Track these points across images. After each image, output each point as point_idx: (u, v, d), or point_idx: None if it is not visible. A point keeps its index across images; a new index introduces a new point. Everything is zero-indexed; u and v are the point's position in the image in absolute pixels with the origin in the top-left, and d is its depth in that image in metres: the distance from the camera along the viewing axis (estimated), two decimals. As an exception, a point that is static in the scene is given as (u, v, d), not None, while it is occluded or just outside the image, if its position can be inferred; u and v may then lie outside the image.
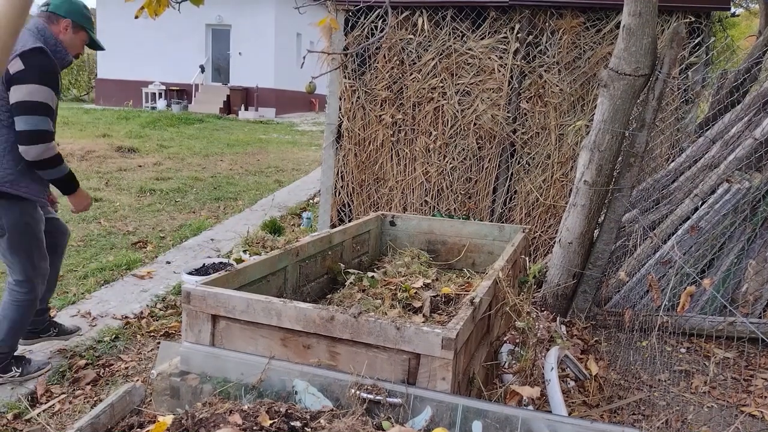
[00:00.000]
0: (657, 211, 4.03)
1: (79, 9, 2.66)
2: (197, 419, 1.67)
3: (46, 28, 2.59)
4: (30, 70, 2.46)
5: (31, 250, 2.73)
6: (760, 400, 2.98)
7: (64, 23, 2.61)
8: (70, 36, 2.64)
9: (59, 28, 2.61)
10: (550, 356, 2.62)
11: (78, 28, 2.67)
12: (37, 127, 2.49)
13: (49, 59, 2.53)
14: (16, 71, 2.46)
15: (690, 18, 4.46)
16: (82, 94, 23.07)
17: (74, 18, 2.63)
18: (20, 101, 2.46)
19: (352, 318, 1.87)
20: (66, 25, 2.62)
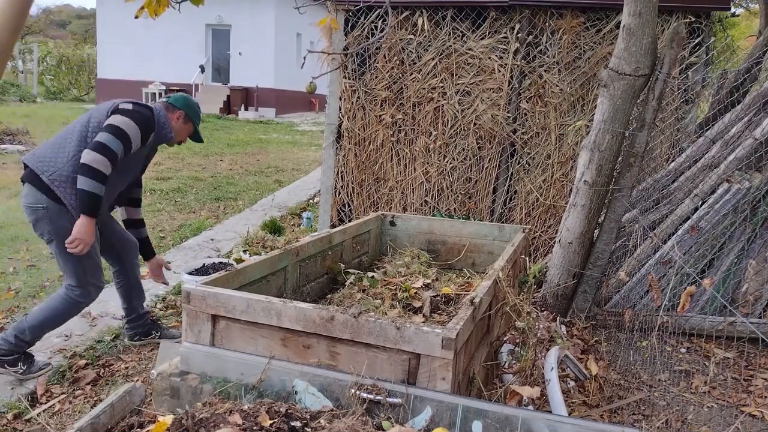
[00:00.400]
0: (657, 211, 4.03)
1: (193, 106, 3.13)
2: (197, 419, 1.67)
3: (162, 111, 3.02)
4: (134, 111, 2.84)
5: (80, 258, 2.82)
6: (760, 400, 2.98)
7: (178, 113, 3.06)
8: (180, 124, 3.07)
9: (173, 116, 3.05)
10: (550, 356, 2.62)
11: (188, 120, 3.10)
12: (107, 143, 2.69)
13: (153, 119, 2.91)
14: (123, 107, 2.84)
15: (690, 18, 4.46)
16: (82, 94, 23.07)
17: (187, 111, 3.08)
18: (111, 123, 2.75)
19: (352, 318, 1.87)
20: (179, 115, 3.06)
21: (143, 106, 2.91)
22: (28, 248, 4.92)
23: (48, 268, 4.52)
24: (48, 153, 2.79)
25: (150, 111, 2.91)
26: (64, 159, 2.76)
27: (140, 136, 2.82)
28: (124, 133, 2.73)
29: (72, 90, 23.18)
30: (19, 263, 4.57)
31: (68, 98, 22.22)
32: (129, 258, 3.23)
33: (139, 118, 2.82)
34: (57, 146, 2.80)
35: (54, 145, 2.82)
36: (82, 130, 2.80)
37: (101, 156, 2.65)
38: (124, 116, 2.77)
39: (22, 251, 4.85)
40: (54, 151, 2.78)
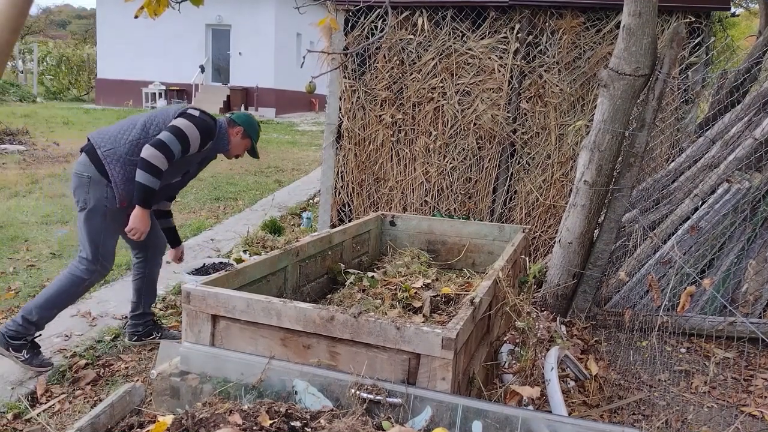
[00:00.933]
0: (657, 211, 4.03)
1: (253, 124, 3.23)
2: (197, 419, 1.67)
3: (224, 124, 3.16)
4: (199, 119, 2.98)
5: (101, 235, 2.97)
6: (760, 400, 2.98)
7: (237, 128, 3.17)
8: (238, 139, 3.18)
9: (233, 130, 3.17)
10: (550, 356, 2.62)
11: (246, 136, 3.20)
12: (168, 142, 2.83)
13: (214, 129, 3.05)
14: (190, 112, 2.99)
15: (690, 18, 4.46)
16: (82, 94, 23.07)
17: (246, 128, 3.19)
18: (175, 125, 2.90)
19: (352, 318, 1.87)
20: (238, 131, 3.17)
21: (208, 115, 3.07)
22: (28, 248, 4.93)
23: (48, 268, 4.52)
24: (111, 131, 2.99)
25: (213, 121, 3.07)
26: (123, 140, 2.93)
27: (199, 142, 2.96)
28: (185, 135, 2.88)
29: (72, 90, 23.17)
30: (19, 263, 4.57)
31: (68, 98, 22.21)
32: (154, 254, 3.32)
33: (201, 125, 2.96)
34: (120, 128, 2.99)
35: (118, 126, 3.02)
36: (146, 122, 2.99)
37: (160, 153, 2.79)
38: (189, 120, 2.93)
39: (22, 251, 4.85)
40: (116, 131, 2.98)
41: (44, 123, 12.93)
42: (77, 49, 25.19)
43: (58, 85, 23.00)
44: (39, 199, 6.62)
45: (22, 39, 24.97)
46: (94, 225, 2.94)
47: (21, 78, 23.15)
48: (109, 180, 2.90)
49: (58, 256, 4.78)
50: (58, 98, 21.79)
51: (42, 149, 9.86)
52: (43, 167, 8.49)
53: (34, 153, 9.51)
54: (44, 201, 6.57)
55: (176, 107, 3.06)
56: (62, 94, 22.53)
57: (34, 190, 7.07)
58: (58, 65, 23.40)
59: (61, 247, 4.98)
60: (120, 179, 2.90)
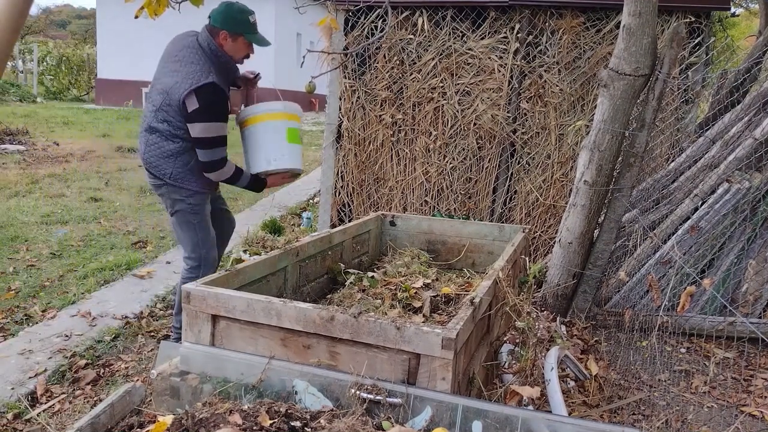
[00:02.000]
0: (657, 211, 4.03)
1: (233, 16, 2.83)
2: (197, 419, 1.67)
3: (212, 42, 2.82)
4: (204, 108, 2.75)
5: (197, 230, 3.02)
6: (760, 400, 2.98)
7: (222, 34, 2.82)
8: (230, 44, 2.85)
9: (219, 39, 2.83)
10: (550, 356, 2.62)
11: (235, 35, 2.84)
12: (212, 158, 2.85)
13: (218, 93, 2.77)
14: (192, 109, 2.75)
15: (690, 18, 4.46)
16: (82, 94, 23.06)
17: (228, 28, 2.81)
18: (198, 137, 2.81)
19: (352, 318, 1.87)
20: (224, 36, 2.82)
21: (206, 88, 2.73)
22: (28, 248, 4.93)
23: (48, 268, 4.52)
24: (152, 159, 2.92)
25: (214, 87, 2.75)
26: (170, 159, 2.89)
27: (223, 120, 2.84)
28: (213, 139, 2.81)
29: (72, 90, 23.16)
30: (19, 263, 4.57)
31: (68, 98, 22.20)
32: (225, 236, 3.35)
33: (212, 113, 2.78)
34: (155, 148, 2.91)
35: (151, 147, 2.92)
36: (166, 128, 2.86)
37: (218, 171, 2.88)
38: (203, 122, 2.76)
39: (22, 251, 4.85)
40: (156, 156, 2.91)
41: (44, 123, 12.92)
42: (77, 49, 25.17)
43: (58, 85, 22.98)
44: (39, 199, 6.62)
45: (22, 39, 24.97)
46: (190, 223, 3.00)
47: (21, 78, 23.13)
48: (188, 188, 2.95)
49: (58, 256, 4.78)
50: (58, 98, 21.78)
51: (42, 149, 9.86)
52: (43, 167, 8.50)
53: (34, 153, 9.51)
54: (44, 201, 6.57)
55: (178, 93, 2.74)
56: (62, 94, 22.52)
57: (34, 190, 7.07)
58: (58, 65, 23.38)
59: (61, 247, 4.98)
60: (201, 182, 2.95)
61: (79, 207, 6.41)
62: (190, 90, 2.73)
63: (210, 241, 3.09)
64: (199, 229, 3.03)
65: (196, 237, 3.03)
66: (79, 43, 27.96)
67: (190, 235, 3.02)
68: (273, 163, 3.03)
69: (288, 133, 3.04)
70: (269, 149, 3.03)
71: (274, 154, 3.03)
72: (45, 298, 3.93)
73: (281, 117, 3.03)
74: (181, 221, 3.01)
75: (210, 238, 3.09)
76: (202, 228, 3.04)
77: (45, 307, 3.77)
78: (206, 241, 3.07)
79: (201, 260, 3.04)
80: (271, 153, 3.04)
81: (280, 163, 3.04)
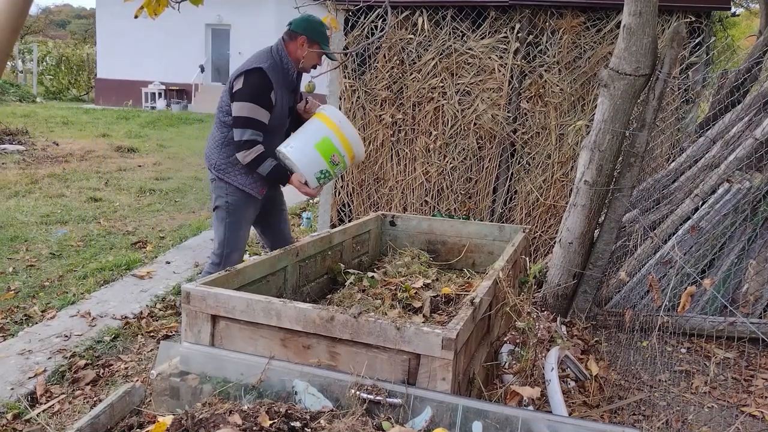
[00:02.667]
0: (657, 211, 4.03)
1: (314, 26, 3.06)
2: (197, 419, 1.66)
3: (281, 46, 3.07)
4: (246, 89, 2.94)
5: (227, 229, 3.15)
6: (760, 401, 2.98)
7: (301, 39, 3.04)
8: (305, 51, 3.05)
9: (296, 43, 3.04)
10: (551, 356, 2.61)
11: (312, 42, 3.04)
12: (241, 138, 2.96)
13: (264, 79, 2.94)
14: (237, 89, 2.96)
15: (690, 18, 4.45)
16: (81, 94, 23.07)
17: (308, 34, 3.03)
18: (235, 116, 2.97)
19: (352, 318, 1.87)
20: (303, 41, 3.03)
21: (252, 72, 2.93)
22: (27, 248, 4.92)
23: (47, 268, 4.51)
24: (207, 148, 3.19)
25: (260, 72, 2.93)
26: (217, 149, 3.11)
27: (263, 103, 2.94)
28: (246, 119, 2.92)
29: (72, 90, 23.17)
30: (19, 263, 4.57)
31: (68, 98, 22.21)
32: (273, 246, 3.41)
33: (252, 94, 2.91)
34: (210, 138, 3.17)
35: (209, 137, 3.19)
36: (218, 115, 3.11)
37: (243, 151, 2.95)
38: (241, 101, 2.92)
39: (22, 251, 4.85)
40: (209, 146, 3.17)
41: (44, 123, 12.92)
42: (77, 49, 25.19)
43: (58, 85, 23.00)
44: (38, 199, 6.61)
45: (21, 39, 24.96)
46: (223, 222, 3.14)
47: (21, 78, 23.15)
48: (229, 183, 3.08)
49: (57, 256, 4.78)
50: (57, 98, 21.79)
51: (41, 149, 9.86)
52: (43, 167, 8.49)
53: (34, 153, 9.51)
54: (44, 201, 6.56)
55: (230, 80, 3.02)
56: (62, 94, 22.54)
57: (34, 190, 7.07)
58: (57, 65, 23.40)
59: (60, 248, 4.97)
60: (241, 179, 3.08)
61: (79, 207, 6.41)
62: (241, 72, 2.98)
63: (237, 244, 3.19)
64: (229, 228, 3.14)
65: (224, 235, 3.15)
66: (78, 43, 27.98)
67: (220, 232, 3.16)
68: (287, 148, 3.06)
69: (322, 140, 3.05)
70: (297, 138, 3.10)
71: (296, 143, 3.08)
72: (44, 298, 3.93)
73: (332, 128, 3.07)
74: (217, 217, 3.18)
75: (238, 242, 3.19)
76: (233, 229, 3.15)
77: (44, 307, 3.77)
78: (233, 242, 3.16)
79: (223, 259, 3.15)
80: (294, 141, 3.09)
81: (290, 153, 3.04)
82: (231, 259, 3.15)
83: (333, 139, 3.05)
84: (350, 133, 3.11)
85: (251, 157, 2.97)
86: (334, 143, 3.05)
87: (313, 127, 3.10)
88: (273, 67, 3.00)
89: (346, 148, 3.09)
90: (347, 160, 3.14)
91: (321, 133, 3.06)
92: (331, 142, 3.05)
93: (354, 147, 3.14)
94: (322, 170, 3.08)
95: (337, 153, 3.07)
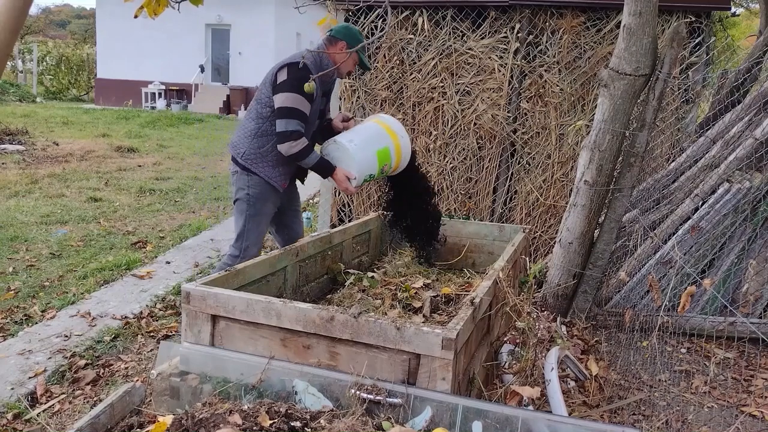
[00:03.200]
0: (657, 211, 4.03)
1: (354, 34, 3.16)
2: (197, 419, 1.67)
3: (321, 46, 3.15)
4: (291, 80, 2.97)
5: (247, 221, 3.15)
6: (760, 401, 2.98)
7: (341, 44, 3.11)
8: (343, 56, 3.10)
9: (336, 48, 3.11)
10: (551, 356, 2.61)
11: (350, 48, 3.08)
12: (286, 129, 2.97)
13: (307, 72, 2.93)
14: (281, 80, 3.00)
15: (690, 18, 4.45)
16: (81, 94, 23.07)
17: (348, 41, 3.11)
18: (279, 107, 2.99)
19: (352, 318, 1.87)
20: (342, 46, 3.10)
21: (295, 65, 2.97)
22: (27, 248, 4.92)
23: (47, 268, 4.52)
24: (235, 138, 3.19)
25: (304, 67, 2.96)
26: (248, 139, 3.12)
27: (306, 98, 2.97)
28: (290, 110, 2.94)
29: (71, 90, 23.17)
30: (19, 263, 4.57)
31: (68, 98, 22.20)
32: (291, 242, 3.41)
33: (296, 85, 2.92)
34: (241, 128, 3.18)
35: (239, 128, 3.21)
36: (255, 107, 3.13)
37: (288, 143, 2.95)
38: (285, 92, 2.95)
39: (22, 251, 4.85)
40: (239, 135, 3.17)
41: (44, 123, 12.92)
42: (77, 49, 25.19)
43: (58, 85, 23.00)
44: (38, 199, 6.61)
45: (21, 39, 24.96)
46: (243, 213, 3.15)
47: (21, 78, 23.15)
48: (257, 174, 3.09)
49: (57, 256, 4.78)
50: (57, 98, 21.78)
51: (41, 149, 9.86)
52: (43, 167, 8.49)
53: (34, 153, 9.51)
54: (44, 201, 6.56)
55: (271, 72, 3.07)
56: (62, 94, 22.53)
57: (34, 190, 7.07)
58: (57, 65, 23.40)
59: (60, 248, 4.98)
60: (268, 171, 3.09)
61: (79, 207, 6.41)
62: (284, 64, 3.03)
63: (256, 238, 3.19)
64: (249, 220, 3.15)
65: (244, 227, 3.16)
66: (78, 43, 27.98)
67: (241, 223, 3.17)
68: (350, 144, 3.07)
69: (384, 148, 3.13)
70: (359, 136, 3.13)
71: (358, 141, 3.09)
72: (45, 298, 3.93)
73: (393, 138, 3.16)
74: (237, 208, 3.19)
75: (257, 235, 3.19)
76: (253, 221, 3.16)
77: (45, 307, 3.77)
78: (252, 234, 3.17)
79: (241, 251, 3.16)
80: (357, 139, 3.10)
81: (352, 148, 3.05)
82: (249, 253, 3.15)
83: (391, 150, 3.15)
84: (406, 148, 3.22)
85: (298, 148, 2.98)
86: (391, 154, 3.15)
87: (375, 131, 3.16)
88: (314, 65, 3.06)
89: (396, 161, 3.19)
90: (391, 171, 3.24)
91: (384, 141, 3.13)
92: (390, 153, 3.14)
93: (402, 162, 3.23)
94: (372, 174, 3.15)
95: (388, 163, 3.17)
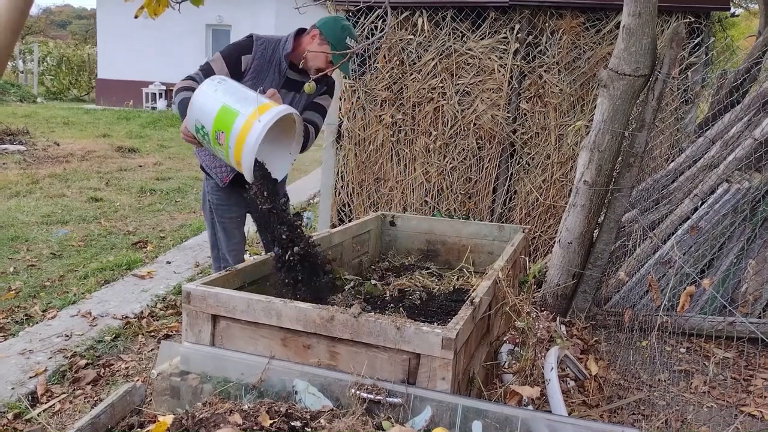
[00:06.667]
0: (657, 211, 4.03)
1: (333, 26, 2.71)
2: (197, 419, 1.67)
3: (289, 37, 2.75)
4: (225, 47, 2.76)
5: (216, 230, 3.02)
6: (759, 400, 2.98)
7: (314, 32, 2.71)
8: (313, 45, 2.69)
9: (308, 37, 2.73)
10: (550, 356, 2.62)
11: (323, 41, 2.68)
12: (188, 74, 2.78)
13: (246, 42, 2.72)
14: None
15: (690, 18, 4.46)
16: (82, 94, 23.05)
17: (323, 30, 2.69)
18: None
19: (352, 318, 1.87)
20: (315, 34, 2.70)
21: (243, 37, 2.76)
22: (28, 248, 4.93)
23: (48, 268, 4.52)
24: None
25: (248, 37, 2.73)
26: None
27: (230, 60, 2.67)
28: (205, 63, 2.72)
29: (72, 90, 23.16)
30: (19, 263, 4.58)
31: (68, 98, 22.20)
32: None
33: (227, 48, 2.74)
34: None
35: None
36: None
37: (181, 80, 2.72)
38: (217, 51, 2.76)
39: (22, 251, 4.85)
40: None
41: (44, 123, 12.92)
42: (77, 50, 25.18)
43: (59, 85, 22.98)
44: (39, 200, 6.62)
45: (22, 39, 24.96)
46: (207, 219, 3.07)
47: (21, 78, 23.13)
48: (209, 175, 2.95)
49: (58, 256, 4.78)
50: (58, 98, 21.78)
51: (42, 149, 9.86)
52: (44, 167, 8.50)
53: (35, 153, 9.52)
54: (44, 201, 6.57)
55: None
56: (62, 95, 22.52)
57: (35, 190, 7.08)
58: (58, 65, 23.38)
59: (61, 247, 4.98)
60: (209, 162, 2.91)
61: (80, 207, 6.41)
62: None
63: (234, 246, 3.01)
64: (217, 228, 3.02)
65: (215, 236, 3.05)
66: (79, 43, 27.97)
67: (210, 233, 3.08)
68: (209, 83, 2.48)
69: (230, 109, 2.36)
70: (234, 87, 2.48)
71: (226, 86, 2.47)
72: (45, 298, 3.94)
73: (254, 114, 2.32)
74: (205, 217, 3.11)
75: (231, 243, 3.01)
76: (220, 228, 3.01)
77: (45, 307, 3.78)
78: (224, 243, 3.00)
79: (220, 261, 3.03)
80: (229, 86, 2.48)
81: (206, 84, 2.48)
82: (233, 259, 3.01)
83: (238, 120, 2.32)
84: (255, 136, 2.30)
85: (180, 85, 2.65)
86: (235, 123, 2.33)
87: (245, 94, 2.42)
88: (264, 45, 2.72)
89: (236, 140, 2.34)
90: (228, 157, 2.42)
91: (241, 106, 2.34)
92: (233, 120, 2.33)
93: (244, 153, 2.34)
94: (204, 127, 2.43)
95: (225, 132, 2.35)
